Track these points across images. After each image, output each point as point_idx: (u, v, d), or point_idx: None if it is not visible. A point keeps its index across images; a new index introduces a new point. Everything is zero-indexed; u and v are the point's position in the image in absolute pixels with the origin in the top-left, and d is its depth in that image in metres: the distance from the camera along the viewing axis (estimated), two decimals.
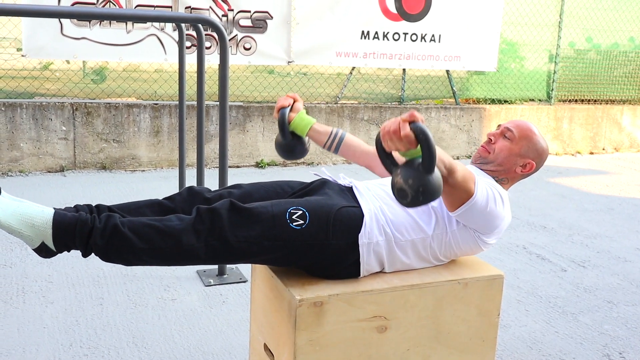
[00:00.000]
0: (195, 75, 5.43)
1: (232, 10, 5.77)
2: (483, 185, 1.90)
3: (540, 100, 7.58)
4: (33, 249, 1.75)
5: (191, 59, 5.68)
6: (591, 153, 7.80)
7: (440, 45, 6.65)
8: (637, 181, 6.33)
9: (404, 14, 6.43)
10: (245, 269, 3.44)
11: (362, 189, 2.01)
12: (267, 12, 5.91)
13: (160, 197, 2.06)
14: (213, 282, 3.27)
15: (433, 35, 6.59)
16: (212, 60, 5.77)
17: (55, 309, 2.88)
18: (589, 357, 2.69)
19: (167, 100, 5.82)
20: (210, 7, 5.69)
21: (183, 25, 4.05)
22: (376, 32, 6.36)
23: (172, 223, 1.77)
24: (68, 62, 6.72)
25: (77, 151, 5.49)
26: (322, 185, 2.03)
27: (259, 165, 6.13)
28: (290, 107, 2.19)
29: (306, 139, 2.24)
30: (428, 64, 6.67)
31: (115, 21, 5.33)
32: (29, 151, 5.35)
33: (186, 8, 5.61)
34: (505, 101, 7.31)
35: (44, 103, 5.37)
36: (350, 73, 6.50)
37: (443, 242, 1.99)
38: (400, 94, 6.79)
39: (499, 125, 2.23)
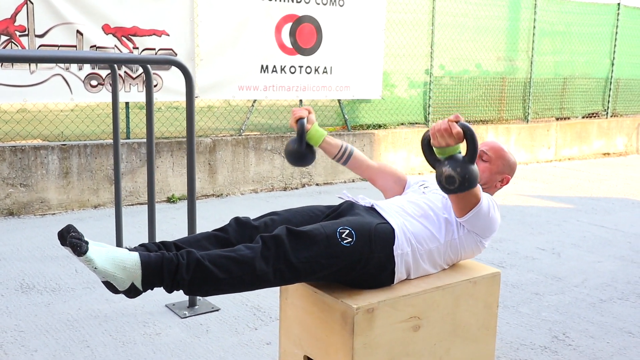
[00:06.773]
0: (104, 113, 5.28)
1: (137, 48, 5.80)
2: (484, 194, 2.27)
3: (418, 123, 8.28)
4: (122, 291, 1.83)
5: (99, 98, 5.63)
6: None
7: (332, 77, 7.11)
8: (512, 191, 7.15)
9: (298, 49, 6.80)
10: (214, 298, 3.54)
11: (384, 207, 2.29)
12: (171, 49, 6.00)
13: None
14: (188, 313, 3.35)
15: (325, 68, 7.03)
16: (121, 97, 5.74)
17: (43, 356, 2.83)
18: (542, 340, 3.15)
19: (75, 141, 5.69)
20: (115, 45, 5.68)
21: (115, 65, 4.10)
22: (274, 66, 6.67)
23: (244, 252, 1.94)
24: None
25: None
26: (351, 206, 2.29)
27: (170, 200, 6.14)
28: (306, 118, 2.41)
29: (316, 148, 2.47)
30: (322, 94, 7.09)
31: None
32: None
33: (91, 47, 5.56)
34: (385, 126, 7.90)
35: None
36: (252, 105, 6.74)
37: (452, 247, 2.32)
38: None
39: None
